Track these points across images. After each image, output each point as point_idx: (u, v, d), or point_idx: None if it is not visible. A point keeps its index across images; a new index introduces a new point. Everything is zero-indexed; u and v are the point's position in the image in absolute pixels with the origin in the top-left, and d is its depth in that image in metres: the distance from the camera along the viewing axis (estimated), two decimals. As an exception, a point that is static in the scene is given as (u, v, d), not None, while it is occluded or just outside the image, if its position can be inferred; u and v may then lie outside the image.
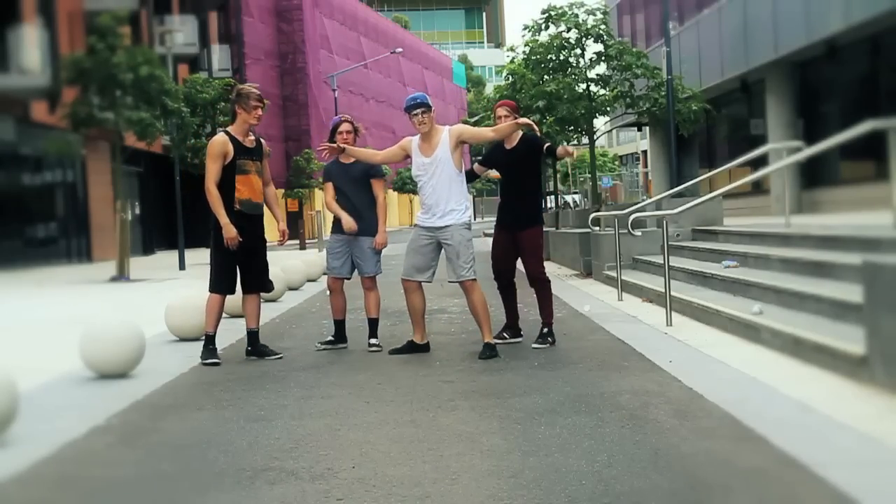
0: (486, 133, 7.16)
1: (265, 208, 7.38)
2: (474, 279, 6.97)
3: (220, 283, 7.19)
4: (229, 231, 6.96)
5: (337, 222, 7.70)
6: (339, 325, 7.80)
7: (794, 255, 8.15)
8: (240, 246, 7.06)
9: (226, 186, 7.05)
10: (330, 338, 7.82)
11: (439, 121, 7.27)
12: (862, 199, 14.84)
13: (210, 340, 7.15)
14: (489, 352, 6.83)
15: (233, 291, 7.27)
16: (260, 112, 7.14)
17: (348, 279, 7.80)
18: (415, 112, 6.93)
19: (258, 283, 7.34)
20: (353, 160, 7.65)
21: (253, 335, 7.31)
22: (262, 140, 7.41)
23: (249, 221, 7.12)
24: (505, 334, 7.61)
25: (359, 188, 7.63)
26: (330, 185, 7.77)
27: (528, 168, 7.48)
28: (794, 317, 6.61)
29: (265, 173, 7.33)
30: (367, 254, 7.63)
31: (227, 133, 7.16)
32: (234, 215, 7.03)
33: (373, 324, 7.70)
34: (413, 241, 7.12)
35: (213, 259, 7.22)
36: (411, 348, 7.20)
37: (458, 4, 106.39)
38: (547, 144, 7.43)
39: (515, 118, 7.26)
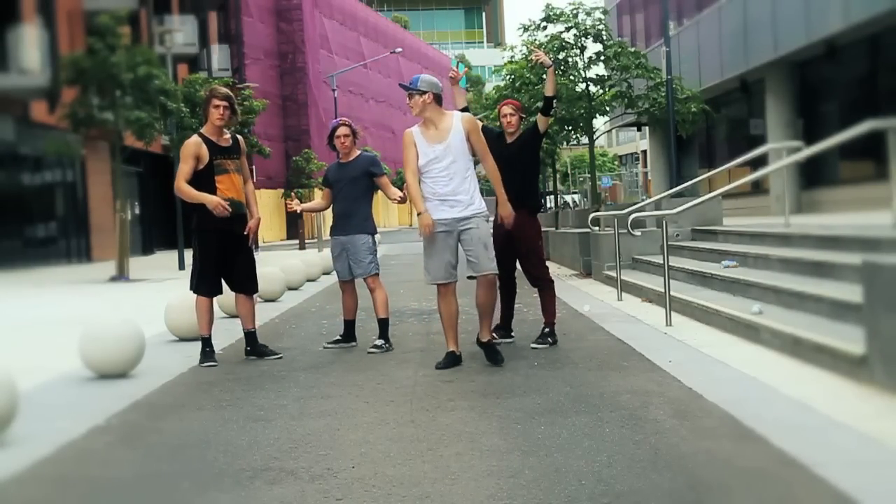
0: (488, 160, 6.61)
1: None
2: (498, 273, 6.61)
3: (201, 285, 7.11)
4: (212, 200, 6.85)
5: (335, 225, 7.72)
6: (349, 325, 7.79)
7: (793, 255, 8.15)
8: (225, 246, 7.03)
9: (207, 188, 6.96)
10: (338, 337, 7.82)
11: None
12: (862, 199, 14.84)
13: (206, 343, 7.12)
14: (497, 355, 6.52)
15: (216, 293, 7.20)
16: (221, 112, 7.00)
17: (350, 280, 7.76)
18: (407, 96, 6.50)
19: (247, 282, 7.24)
20: (351, 159, 7.67)
21: (250, 336, 7.27)
22: (238, 137, 7.33)
23: (233, 221, 7.04)
24: (494, 335, 7.51)
25: (354, 187, 7.61)
26: (327, 192, 7.82)
27: (529, 157, 7.44)
28: (794, 317, 6.61)
29: (244, 170, 7.25)
30: (361, 254, 7.59)
31: (200, 134, 7.08)
32: (217, 216, 6.93)
33: (381, 324, 7.57)
34: (431, 243, 6.47)
35: (195, 260, 7.17)
36: (454, 360, 6.51)
37: (458, 4, 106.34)
38: (540, 106, 7.39)
39: (521, 117, 7.41)
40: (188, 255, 23.38)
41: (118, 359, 6.42)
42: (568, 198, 62.22)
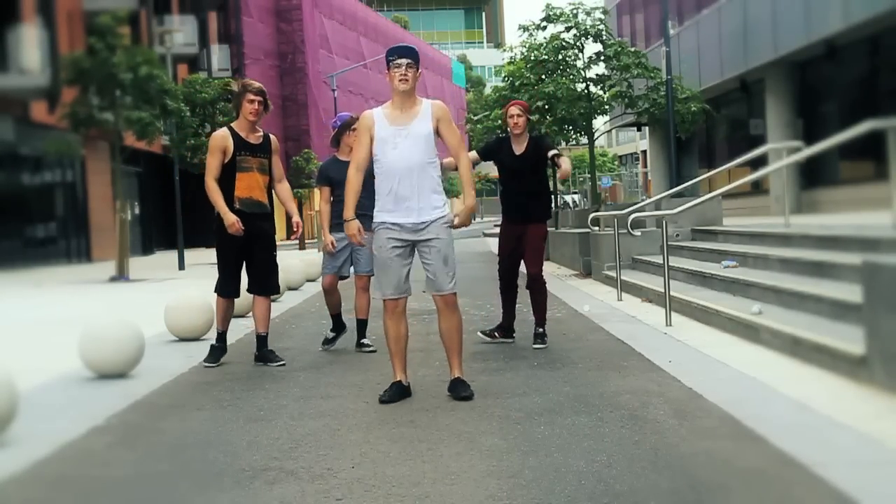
0: (463, 154, 5.60)
1: (279, 205, 7.21)
2: (456, 293, 5.60)
3: (222, 286, 7.01)
4: (229, 217, 6.73)
5: (337, 224, 7.42)
6: (338, 318, 7.74)
7: (793, 255, 8.15)
8: (241, 245, 6.91)
9: (226, 183, 6.85)
10: (331, 334, 7.75)
11: None
12: (862, 199, 14.84)
13: (219, 338, 7.04)
14: (465, 391, 5.40)
15: (237, 295, 7.09)
16: (255, 107, 6.84)
17: (345, 278, 7.70)
18: (397, 63, 5.37)
19: (263, 284, 7.07)
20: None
21: (261, 340, 7.07)
22: (270, 136, 7.13)
23: (249, 220, 6.88)
24: (496, 333, 7.62)
25: (363, 186, 7.46)
26: (326, 190, 7.57)
27: (539, 168, 7.51)
28: (794, 317, 6.61)
29: (276, 170, 7.09)
30: (366, 251, 7.38)
31: (230, 128, 6.95)
32: (233, 213, 6.82)
33: (363, 325, 7.61)
34: (381, 250, 5.50)
35: (218, 260, 7.08)
36: (401, 392, 5.49)
37: (458, 4, 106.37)
38: (553, 152, 7.27)
39: (528, 118, 7.43)
40: (188, 255, 23.39)
41: (118, 359, 6.42)
42: (568, 198, 62.18)
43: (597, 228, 13.69)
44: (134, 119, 17.39)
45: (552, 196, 7.70)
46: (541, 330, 7.38)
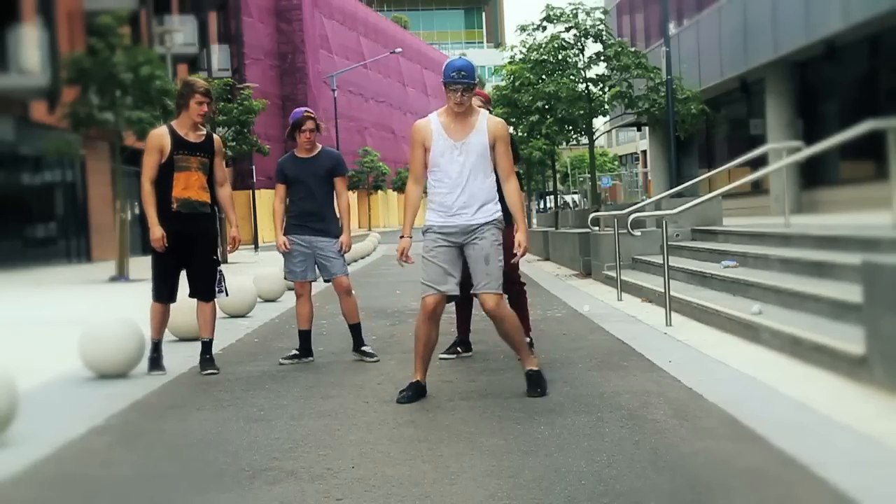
0: (512, 181, 5.58)
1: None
2: (500, 293, 5.47)
3: (155, 290, 6.78)
4: (154, 231, 6.51)
5: (293, 226, 7.08)
6: (305, 337, 7.12)
7: (793, 255, 8.15)
8: (178, 249, 6.60)
9: (164, 184, 6.52)
10: (294, 351, 7.12)
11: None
12: (862, 199, 14.84)
13: (154, 349, 6.72)
14: (543, 386, 5.42)
15: (171, 299, 6.80)
16: (205, 109, 6.52)
17: (314, 281, 7.27)
18: (454, 88, 5.30)
19: (202, 288, 6.72)
20: (314, 154, 7.05)
21: (204, 345, 6.78)
22: (214, 136, 6.80)
23: (189, 222, 6.56)
24: (459, 349, 7.06)
25: (321, 185, 7.01)
26: (282, 188, 7.10)
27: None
28: (794, 317, 6.61)
29: (218, 172, 6.73)
30: (334, 254, 7.04)
31: (170, 126, 6.61)
32: (170, 215, 6.54)
33: (356, 329, 7.13)
34: (429, 250, 5.47)
35: (152, 263, 6.77)
36: (420, 392, 5.48)
37: (458, 4, 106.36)
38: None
39: (490, 110, 6.74)
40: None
41: (118, 359, 6.42)
42: (568, 198, 62.24)
43: (597, 228, 13.70)
44: (134, 119, 17.39)
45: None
46: (528, 339, 6.75)
